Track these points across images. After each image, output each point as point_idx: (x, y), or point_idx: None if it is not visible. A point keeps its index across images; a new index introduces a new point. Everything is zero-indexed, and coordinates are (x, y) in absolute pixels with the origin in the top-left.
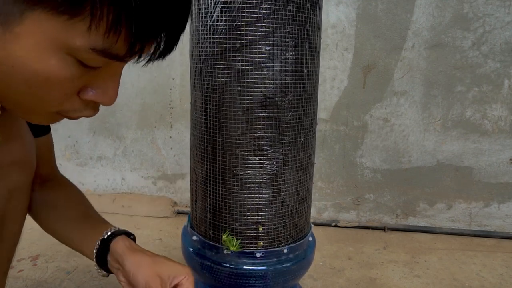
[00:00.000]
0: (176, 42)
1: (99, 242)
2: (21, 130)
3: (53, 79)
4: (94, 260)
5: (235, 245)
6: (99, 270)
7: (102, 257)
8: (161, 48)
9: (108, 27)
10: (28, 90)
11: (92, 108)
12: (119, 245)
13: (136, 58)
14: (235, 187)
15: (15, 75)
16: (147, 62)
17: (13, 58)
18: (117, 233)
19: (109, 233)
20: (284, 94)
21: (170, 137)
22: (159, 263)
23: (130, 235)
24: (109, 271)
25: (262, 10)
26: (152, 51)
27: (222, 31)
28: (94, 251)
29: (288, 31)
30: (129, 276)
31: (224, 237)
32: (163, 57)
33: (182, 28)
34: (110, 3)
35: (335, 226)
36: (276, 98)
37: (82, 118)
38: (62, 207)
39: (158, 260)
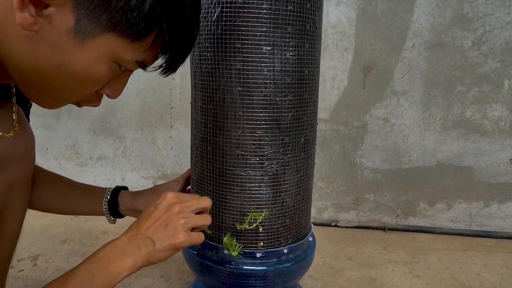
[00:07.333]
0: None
1: (108, 195)
2: (23, 124)
3: (99, 79)
4: (106, 210)
5: (236, 250)
6: (111, 219)
7: (111, 208)
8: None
9: (158, 51)
10: (72, 85)
11: (99, 99)
12: (126, 196)
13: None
14: (235, 187)
15: (70, 75)
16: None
17: (75, 62)
18: (117, 188)
19: (112, 189)
20: (284, 94)
21: (170, 137)
22: (158, 186)
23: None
24: (118, 216)
25: (262, 10)
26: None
27: (222, 31)
28: (105, 204)
29: (289, 31)
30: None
31: (225, 240)
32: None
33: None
34: (171, 40)
35: (335, 226)
36: (277, 98)
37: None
38: (51, 183)
39: (156, 187)
